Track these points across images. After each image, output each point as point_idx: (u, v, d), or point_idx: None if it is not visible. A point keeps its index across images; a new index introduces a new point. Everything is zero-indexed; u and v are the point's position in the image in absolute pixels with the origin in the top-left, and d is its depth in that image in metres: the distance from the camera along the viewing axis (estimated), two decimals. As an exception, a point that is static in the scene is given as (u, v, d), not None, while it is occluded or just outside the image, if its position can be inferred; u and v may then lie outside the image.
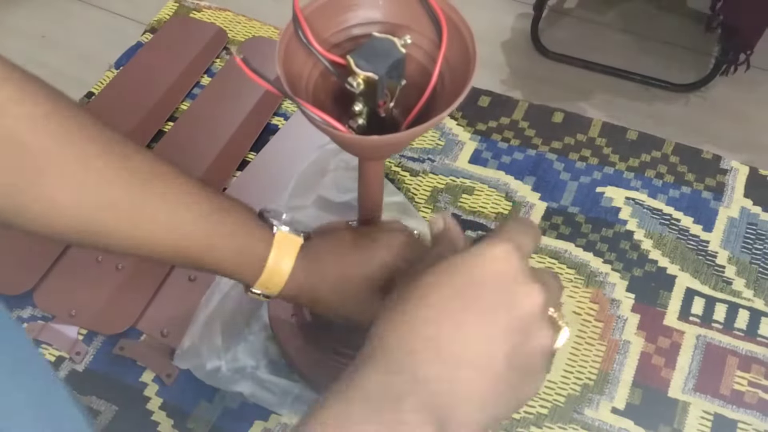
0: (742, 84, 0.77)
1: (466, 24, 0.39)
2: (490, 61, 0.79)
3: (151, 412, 0.56)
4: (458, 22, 0.39)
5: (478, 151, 0.71)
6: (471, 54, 0.38)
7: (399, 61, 0.37)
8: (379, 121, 0.39)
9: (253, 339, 0.57)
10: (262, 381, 0.55)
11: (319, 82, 0.39)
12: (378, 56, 0.36)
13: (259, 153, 0.69)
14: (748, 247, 0.65)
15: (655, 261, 0.64)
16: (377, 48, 0.37)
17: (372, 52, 0.36)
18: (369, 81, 0.36)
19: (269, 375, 0.55)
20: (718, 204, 0.67)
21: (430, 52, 0.40)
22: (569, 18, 0.85)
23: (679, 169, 0.70)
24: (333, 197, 0.65)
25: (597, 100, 0.77)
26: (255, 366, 0.56)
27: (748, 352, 0.59)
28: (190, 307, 0.58)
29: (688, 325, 0.61)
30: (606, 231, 0.66)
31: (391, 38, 0.37)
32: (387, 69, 0.36)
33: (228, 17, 0.81)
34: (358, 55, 0.36)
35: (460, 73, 0.38)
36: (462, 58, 0.38)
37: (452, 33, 0.39)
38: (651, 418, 0.56)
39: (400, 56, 0.37)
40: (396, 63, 0.37)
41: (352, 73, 0.36)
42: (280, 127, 0.72)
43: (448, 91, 0.39)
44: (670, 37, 0.82)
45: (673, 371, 0.58)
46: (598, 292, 0.62)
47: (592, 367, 0.58)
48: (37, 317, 0.61)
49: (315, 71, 0.39)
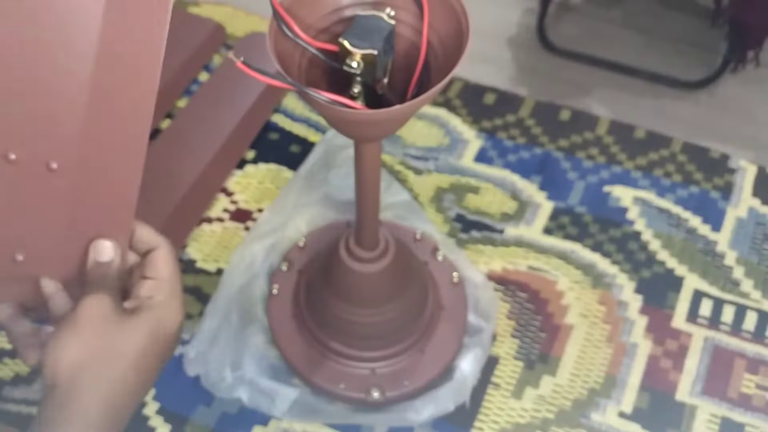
0: (751, 81, 0.77)
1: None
2: (496, 58, 0.78)
3: (148, 417, 0.55)
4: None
5: (483, 150, 0.70)
6: (463, 23, 0.38)
7: (391, 33, 0.38)
8: (376, 100, 0.40)
9: (254, 343, 0.56)
10: (260, 387, 0.54)
11: (309, 69, 0.40)
12: (370, 32, 0.37)
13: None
14: (756, 248, 0.64)
15: (663, 262, 0.63)
16: (366, 25, 0.37)
17: (363, 30, 0.37)
18: (368, 58, 0.37)
19: (269, 380, 0.55)
20: (726, 204, 0.66)
21: (419, 27, 0.40)
22: (576, 14, 0.83)
23: (687, 168, 0.69)
24: (338, 195, 0.64)
25: (604, 98, 0.76)
26: (257, 372, 0.55)
27: (756, 354, 0.58)
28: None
29: (696, 327, 0.60)
30: (614, 231, 0.65)
31: (377, 13, 0.38)
32: (383, 43, 0.37)
33: (227, 12, 0.80)
34: (351, 36, 0.37)
35: (453, 44, 0.38)
36: (454, 29, 0.39)
37: (437, 1, 0.39)
38: (658, 422, 0.55)
39: (390, 28, 0.38)
40: (389, 36, 0.38)
41: (349, 54, 0.37)
42: (279, 125, 0.71)
43: (443, 63, 0.39)
44: (677, 34, 0.81)
45: (681, 374, 0.57)
46: (606, 294, 0.61)
47: (599, 370, 0.57)
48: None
49: (303, 59, 0.40)
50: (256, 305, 0.58)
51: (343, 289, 0.53)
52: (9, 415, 0.55)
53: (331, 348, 0.55)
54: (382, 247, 0.51)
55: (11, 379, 0.56)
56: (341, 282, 0.53)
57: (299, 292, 0.57)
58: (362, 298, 0.53)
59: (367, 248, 0.51)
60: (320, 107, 0.37)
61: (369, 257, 0.51)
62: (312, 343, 0.55)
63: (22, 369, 0.57)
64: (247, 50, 0.75)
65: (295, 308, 0.57)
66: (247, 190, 0.67)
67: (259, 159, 0.69)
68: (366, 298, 0.53)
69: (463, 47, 0.37)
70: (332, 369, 0.54)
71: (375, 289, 0.52)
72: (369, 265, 0.51)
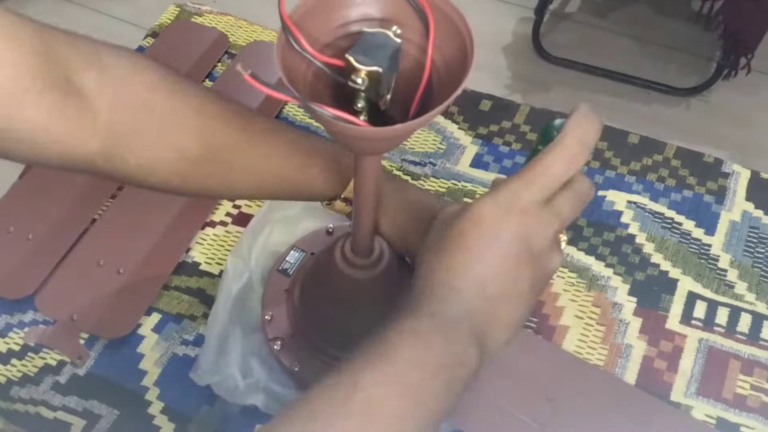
0: (743, 88, 0.78)
1: (458, 12, 0.39)
2: (492, 66, 0.80)
3: (153, 417, 0.56)
4: (450, 12, 0.39)
5: (479, 155, 0.71)
6: (468, 46, 0.38)
7: (396, 51, 0.38)
8: (379, 116, 0.40)
9: (261, 350, 0.57)
10: (275, 393, 0.55)
11: (314, 82, 0.40)
12: (376, 49, 0.37)
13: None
14: (750, 251, 0.65)
15: (657, 265, 0.64)
16: (372, 42, 0.38)
17: (369, 47, 0.37)
18: (372, 75, 0.37)
19: (281, 387, 0.55)
20: (720, 207, 0.67)
21: (424, 46, 0.40)
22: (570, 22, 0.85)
23: (681, 172, 0.70)
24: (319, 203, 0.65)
25: (598, 104, 0.77)
26: (267, 378, 0.55)
27: (750, 355, 0.59)
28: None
29: (690, 328, 0.60)
30: (608, 234, 0.66)
31: (383, 31, 0.38)
32: (388, 60, 0.37)
33: (229, 22, 0.81)
34: (357, 52, 0.37)
35: (457, 65, 0.39)
36: (458, 51, 0.39)
37: (443, 22, 0.39)
38: (653, 422, 0.56)
39: (396, 46, 0.38)
40: (394, 53, 0.38)
41: (354, 70, 0.37)
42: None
43: (445, 83, 0.39)
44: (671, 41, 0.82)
45: (676, 375, 0.58)
46: (600, 296, 0.62)
47: (595, 365, 0.58)
48: (39, 321, 0.61)
49: (309, 72, 0.40)
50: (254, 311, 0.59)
51: (338, 295, 0.54)
52: (17, 415, 0.56)
53: (328, 353, 0.55)
54: (376, 254, 0.52)
55: (19, 380, 0.57)
56: (336, 288, 0.53)
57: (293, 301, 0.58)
58: (357, 303, 0.53)
59: (362, 256, 0.51)
60: (324, 122, 0.37)
61: (364, 264, 0.52)
62: (310, 350, 0.56)
63: (30, 369, 0.58)
64: (248, 59, 0.77)
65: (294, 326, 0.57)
66: (249, 195, 0.68)
67: (260, 165, 0.70)
68: (361, 303, 0.53)
69: (467, 69, 0.37)
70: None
71: (370, 294, 0.53)
72: (364, 272, 0.52)
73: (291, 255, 0.61)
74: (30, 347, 0.59)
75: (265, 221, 0.63)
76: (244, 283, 0.60)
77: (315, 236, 0.62)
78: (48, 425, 0.55)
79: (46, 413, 0.56)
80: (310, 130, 0.72)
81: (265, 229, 0.63)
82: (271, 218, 0.63)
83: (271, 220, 0.63)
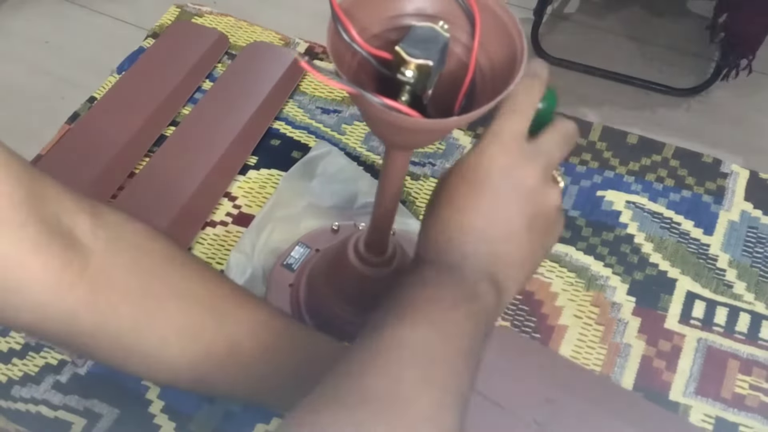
0: (743, 88, 0.78)
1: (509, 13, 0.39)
2: (491, 66, 0.80)
3: (153, 416, 0.56)
4: (500, 13, 0.39)
5: (478, 155, 0.71)
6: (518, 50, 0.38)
7: (446, 45, 0.38)
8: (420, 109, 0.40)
9: None
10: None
11: (357, 71, 0.40)
12: (426, 43, 0.37)
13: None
14: (748, 251, 0.65)
15: (655, 264, 0.64)
16: (422, 36, 0.37)
17: (419, 40, 0.37)
18: (422, 68, 0.37)
19: None
20: (719, 207, 0.68)
21: (469, 45, 0.40)
22: (570, 23, 0.85)
23: (680, 172, 0.70)
24: (322, 202, 0.65)
25: (597, 105, 0.77)
26: None
27: (749, 355, 0.59)
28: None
29: (689, 328, 0.61)
30: (606, 234, 0.66)
31: (431, 25, 0.38)
32: (438, 54, 0.37)
33: (229, 22, 0.82)
34: (408, 44, 0.37)
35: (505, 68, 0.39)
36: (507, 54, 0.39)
37: (491, 22, 0.39)
38: (652, 422, 0.56)
39: (446, 40, 0.38)
40: (443, 47, 0.38)
41: (404, 62, 0.36)
42: (281, 132, 0.72)
43: (490, 85, 0.39)
44: (670, 42, 0.83)
45: (674, 375, 0.58)
46: (599, 296, 0.62)
47: (592, 370, 0.58)
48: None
49: (354, 61, 0.39)
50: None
51: (347, 291, 0.54)
52: (18, 414, 0.56)
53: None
54: (390, 252, 0.52)
55: (20, 379, 0.58)
56: (346, 284, 0.53)
57: (298, 296, 0.58)
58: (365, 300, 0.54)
59: (376, 253, 0.51)
60: (371, 110, 0.36)
61: (377, 261, 0.52)
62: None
63: (31, 369, 0.58)
64: (248, 59, 0.77)
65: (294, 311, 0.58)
66: (250, 194, 0.68)
67: (260, 164, 0.70)
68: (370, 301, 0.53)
69: (516, 74, 0.37)
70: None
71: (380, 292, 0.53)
72: (376, 270, 0.52)
73: (296, 250, 0.61)
74: (31, 346, 0.59)
75: (268, 219, 0.63)
76: (246, 279, 0.60)
77: (320, 233, 0.62)
78: (49, 424, 0.55)
79: (47, 412, 0.56)
80: (310, 131, 0.73)
81: (267, 227, 0.63)
82: (274, 216, 0.64)
83: (274, 218, 0.64)
